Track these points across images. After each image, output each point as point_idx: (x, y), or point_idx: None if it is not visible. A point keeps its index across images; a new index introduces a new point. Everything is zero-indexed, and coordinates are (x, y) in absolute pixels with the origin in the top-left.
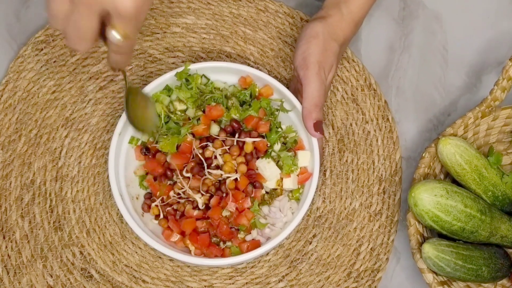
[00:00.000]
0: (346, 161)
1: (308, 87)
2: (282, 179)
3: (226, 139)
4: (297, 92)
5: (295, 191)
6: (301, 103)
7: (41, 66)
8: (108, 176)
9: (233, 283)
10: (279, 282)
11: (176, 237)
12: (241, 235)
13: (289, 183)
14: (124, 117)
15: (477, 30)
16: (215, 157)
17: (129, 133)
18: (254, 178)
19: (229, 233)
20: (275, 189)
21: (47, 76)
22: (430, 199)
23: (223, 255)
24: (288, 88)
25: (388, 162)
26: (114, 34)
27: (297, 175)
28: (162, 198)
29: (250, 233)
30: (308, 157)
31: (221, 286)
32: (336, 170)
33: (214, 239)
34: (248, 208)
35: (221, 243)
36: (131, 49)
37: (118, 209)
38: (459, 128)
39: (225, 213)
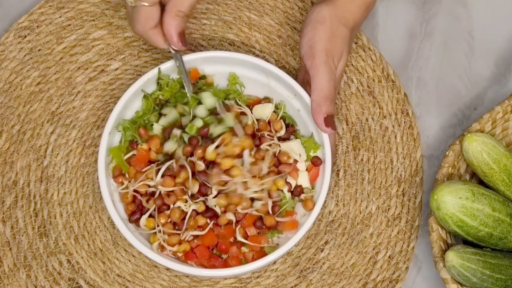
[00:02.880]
0: (362, 160)
1: (316, 77)
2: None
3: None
4: (306, 83)
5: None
6: (310, 96)
7: (25, 55)
8: (98, 177)
9: None
10: None
11: (168, 251)
12: (245, 248)
13: (302, 179)
14: (115, 113)
15: (506, 14)
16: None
17: (120, 130)
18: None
19: (230, 248)
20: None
21: (31, 66)
22: (455, 202)
23: (225, 265)
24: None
25: (408, 161)
26: None
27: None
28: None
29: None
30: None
31: None
32: (351, 170)
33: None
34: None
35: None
36: None
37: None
38: (486, 123)
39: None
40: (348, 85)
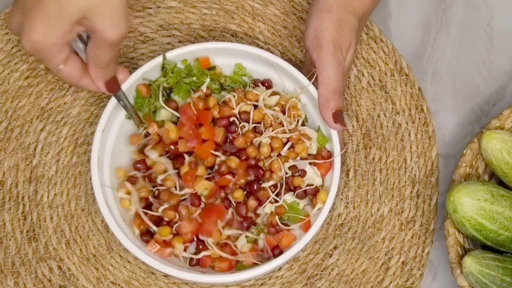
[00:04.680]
0: (373, 159)
1: (323, 70)
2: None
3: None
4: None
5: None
6: (317, 90)
7: (12, 47)
8: (91, 177)
9: None
10: None
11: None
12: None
13: (312, 174)
14: (108, 109)
15: None
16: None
17: (115, 127)
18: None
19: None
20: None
21: (20, 58)
22: (472, 204)
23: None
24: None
25: (422, 160)
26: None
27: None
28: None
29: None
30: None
31: None
32: (361, 170)
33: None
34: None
35: None
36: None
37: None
38: (506, 120)
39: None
40: (359, 79)
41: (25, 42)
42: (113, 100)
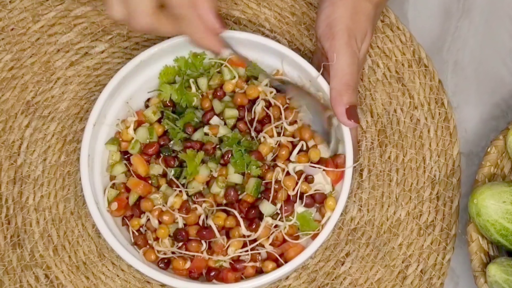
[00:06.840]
0: (389, 158)
1: (336, 61)
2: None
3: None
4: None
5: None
6: (328, 83)
7: None
8: (81, 177)
9: None
10: None
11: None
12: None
13: (321, 180)
14: (100, 101)
15: None
16: None
17: (107, 122)
18: None
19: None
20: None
21: (3, 48)
22: (498, 207)
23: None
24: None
25: (443, 159)
26: None
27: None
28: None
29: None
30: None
31: None
32: (376, 170)
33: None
34: None
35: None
36: None
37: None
38: None
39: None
40: (373, 71)
41: None
42: (105, 92)
